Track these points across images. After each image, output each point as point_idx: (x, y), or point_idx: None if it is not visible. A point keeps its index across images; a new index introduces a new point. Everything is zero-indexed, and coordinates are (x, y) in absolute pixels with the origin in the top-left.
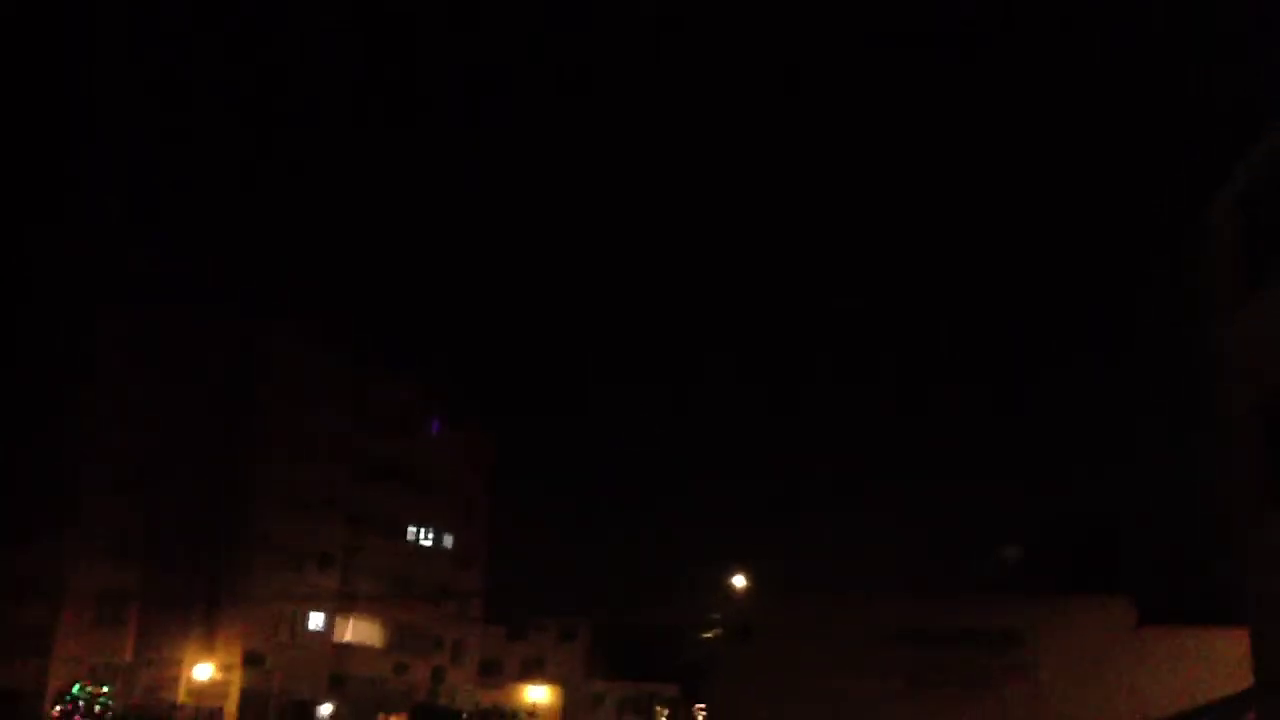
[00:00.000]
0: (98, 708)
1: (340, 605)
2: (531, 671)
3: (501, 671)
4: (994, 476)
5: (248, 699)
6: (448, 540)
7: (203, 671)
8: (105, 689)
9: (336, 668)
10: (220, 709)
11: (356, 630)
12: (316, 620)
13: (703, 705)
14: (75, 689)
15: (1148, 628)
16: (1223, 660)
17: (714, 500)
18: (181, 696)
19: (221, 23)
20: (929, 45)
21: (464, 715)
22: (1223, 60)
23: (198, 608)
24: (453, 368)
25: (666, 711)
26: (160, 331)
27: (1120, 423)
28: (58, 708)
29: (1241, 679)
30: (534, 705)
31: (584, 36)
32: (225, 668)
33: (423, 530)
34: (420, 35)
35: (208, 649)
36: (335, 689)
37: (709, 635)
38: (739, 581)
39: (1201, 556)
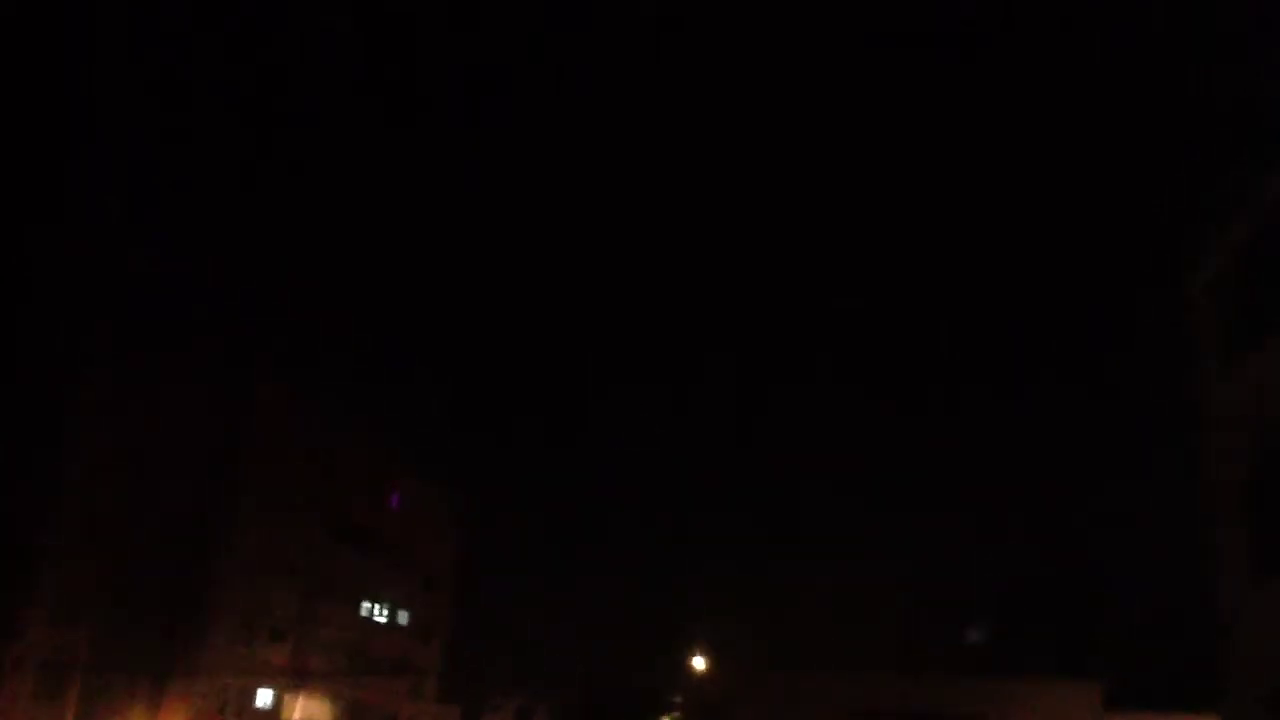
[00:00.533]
0: None
1: (291, 682)
2: None
3: None
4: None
5: None
6: (403, 616)
7: None
8: None
9: None
10: None
11: (306, 708)
12: (264, 697)
13: None
14: None
15: (1115, 714)
16: None
17: (676, 571)
18: None
19: (221, 22)
20: (929, 45)
21: None
22: (1223, 60)
23: (143, 680)
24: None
25: None
26: (126, 377)
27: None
28: None
29: None
30: None
31: (583, 36)
32: None
33: (381, 603)
34: (418, 36)
35: None
36: None
37: (668, 718)
38: (698, 663)
39: (1173, 637)
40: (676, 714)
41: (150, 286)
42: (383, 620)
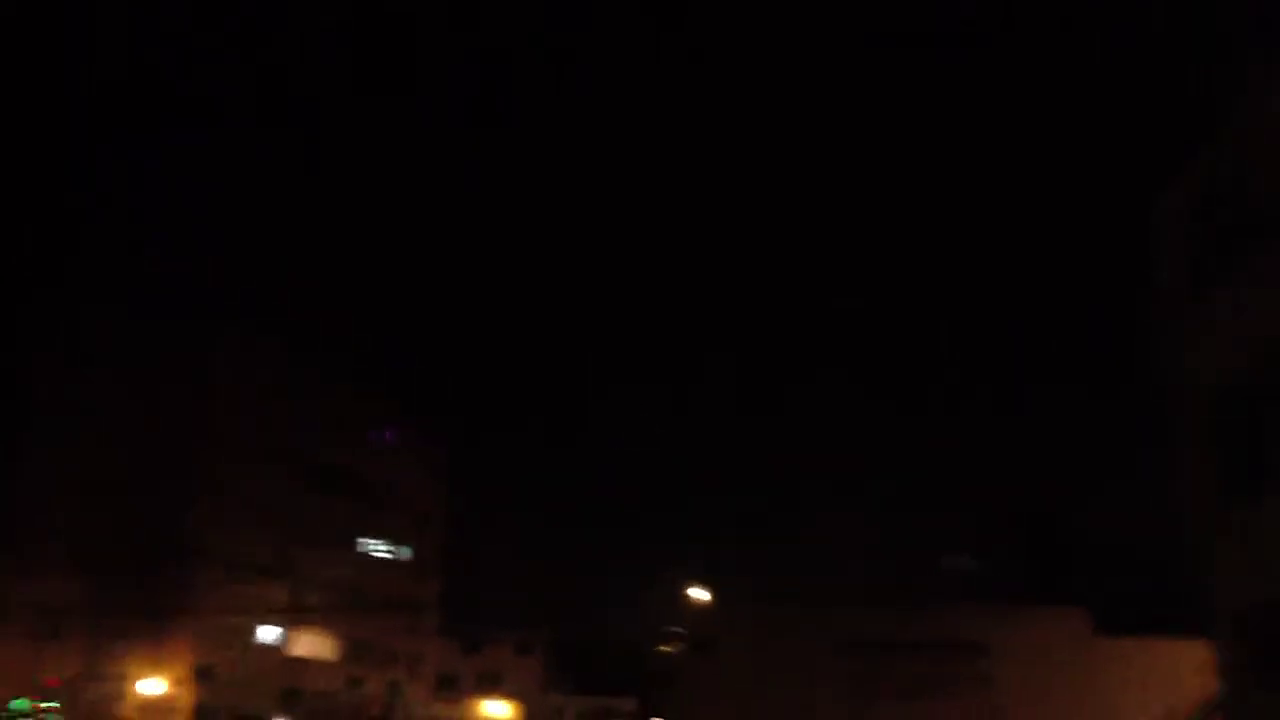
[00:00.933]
0: None
1: (292, 618)
2: (489, 686)
3: (458, 686)
4: (954, 482)
5: (199, 713)
6: (402, 551)
7: (151, 686)
8: (54, 705)
9: (289, 682)
10: None
11: (309, 644)
12: (268, 634)
13: (662, 718)
14: (17, 703)
15: (1105, 638)
16: (1181, 670)
17: (675, 510)
18: (128, 712)
19: (221, 20)
20: (930, 44)
21: None
22: (1223, 60)
23: (144, 619)
24: (413, 372)
25: None
26: (109, 332)
27: (1077, 428)
28: None
29: (1198, 689)
30: (491, 719)
31: (585, 34)
32: (174, 682)
33: (376, 541)
34: (420, 33)
35: (155, 664)
36: (287, 703)
37: (668, 649)
38: (698, 594)
39: (1159, 563)
40: (675, 644)
41: (116, 238)
42: (379, 557)
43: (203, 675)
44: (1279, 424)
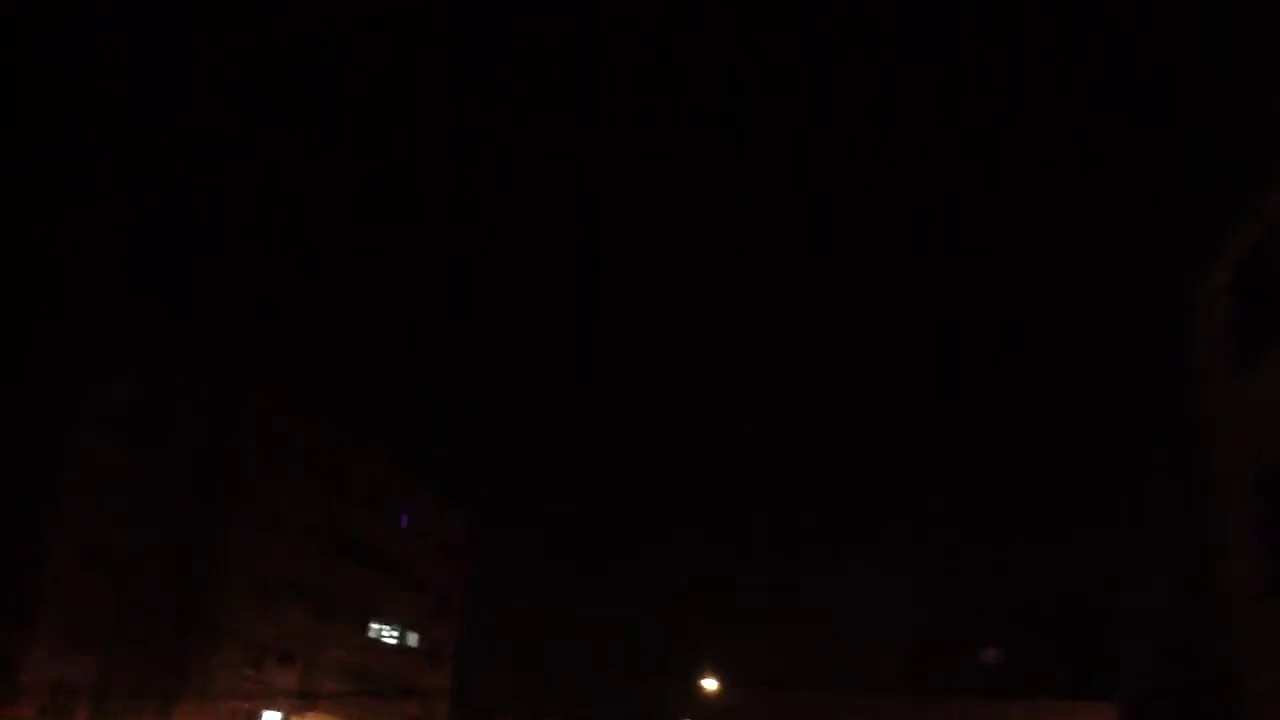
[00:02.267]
0: None
1: (299, 705)
2: None
3: None
4: (977, 566)
5: None
6: (412, 638)
7: None
8: None
9: None
10: None
11: None
12: (273, 719)
13: None
14: None
15: None
16: None
17: (688, 597)
18: None
19: (221, 18)
20: (928, 51)
21: None
22: (1232, 68)
23: (150, 705)
24: (439, 450)
25: None
26: (125, 395)
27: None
28: None
29: None
30: None
31: (573, 55)
32: None
33: (390, 624)
34: (418, 46)
35: None
36: None
37: None
38: (709, 684)
39: (1193, 658)
40: None
41: (147, 302)
42: (392, 642)
43: None
44: None
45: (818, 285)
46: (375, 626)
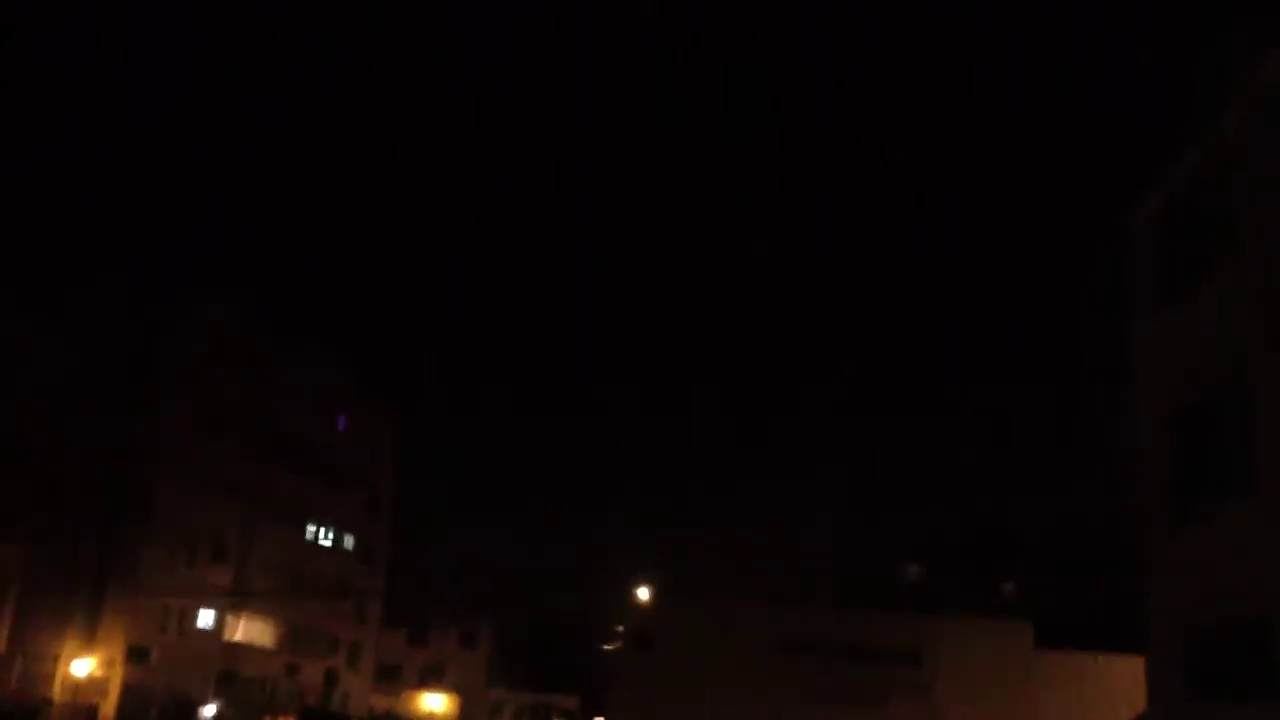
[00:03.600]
0: None
1: (232, 602)
2: (431, 678)
3: (400, 678)
4: (900, 490)
5: (128, 696)
6: (349, 539)
7: (82, 666)
8: None
9: (225, 666)
10: (96, 706)
11: (248, 629)
12: (206, 617)
13: (602, 717)
14: None
15: (1044, 651)
16: (1116, 684)
17: (621, 509)
18: (57, 692)
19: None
20: (915, 49)
21: None
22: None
23: (80, 597)
24: (373, 349)
25: None
26: (59, 288)
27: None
28: None
29: (1134, 703)
30: (431, 713)
31: (573, 55)
32: (106, 663)
33: (324, 525)
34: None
35: (88, 643)
36: (223, 688)
37: (610, 648)
38: (642, 593)
39: (1101, 580)
40: (619, 641)
41: (90, 195)
42: (326, 543)
43: (136, 657)
44: (1236, 438)
45: (818, 285)
46: (311, 528)
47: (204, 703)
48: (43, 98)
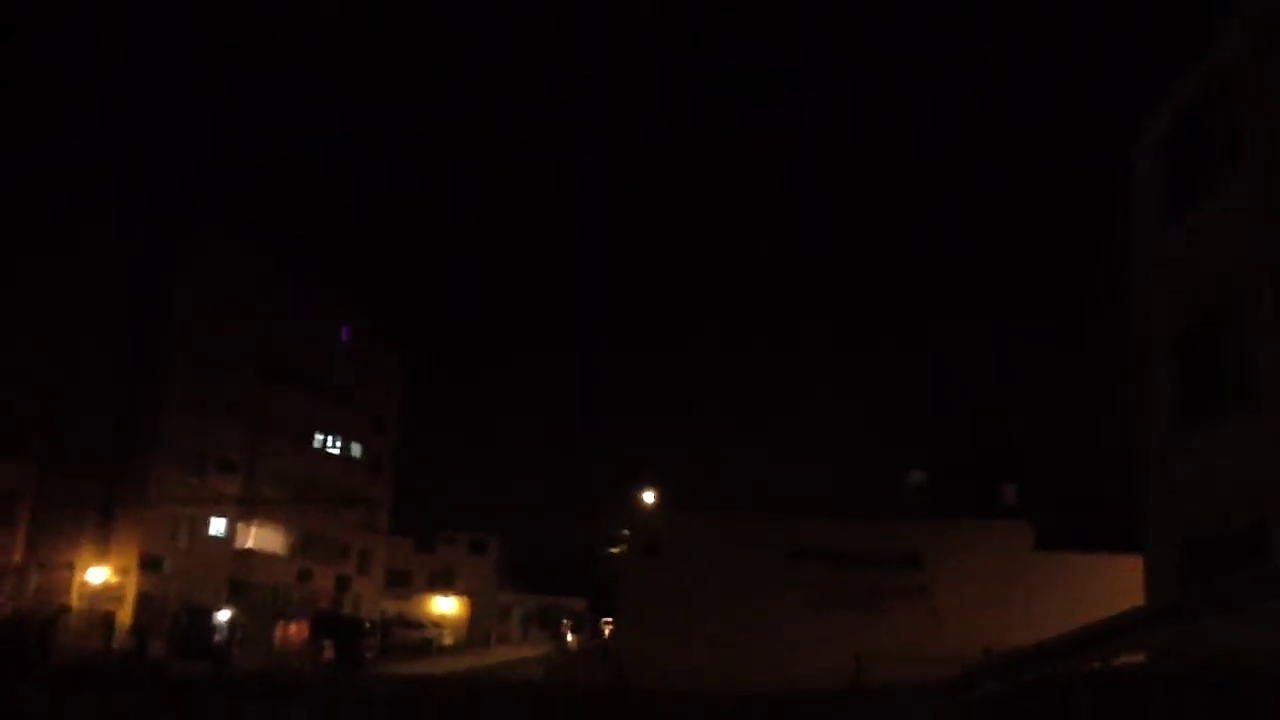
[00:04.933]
0: None
1: (243, 511)
2: (440, 583)
3: (410, 583)
4: (902, 404)
5: (143, 603)
6: (356, 449)
7: (97, 574)
8: None
9: (237, 574)
10: (113, 613)
11: (259, 537)
12: (218, 525)
13: (610, 619)
14: None
15: (1044, 552)
16: (1117, 585)
17: (628, 421)
18: (74, 600)
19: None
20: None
21: (367, 624)
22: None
23: (94, 509)
24: (378, 275)
25: (569, 624)
26: (67, 219)
27: (1027, 354)
28: None
29: (1132, 602)
30: (442, 616)
31: (573, 55)
32: (121, 571)
33: (330, 437)
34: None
35: (103, 552)
36: (235, 595)
37: (616, 551)
38: (648, 498)
39: (1099, 487)
40: (626, 546)
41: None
42: (334, 451)
43: (149, 565)
44: (1235, 354)
45: (817, 285)
46: (320, 437)
47: (217, 609)
48: (42, 98)
